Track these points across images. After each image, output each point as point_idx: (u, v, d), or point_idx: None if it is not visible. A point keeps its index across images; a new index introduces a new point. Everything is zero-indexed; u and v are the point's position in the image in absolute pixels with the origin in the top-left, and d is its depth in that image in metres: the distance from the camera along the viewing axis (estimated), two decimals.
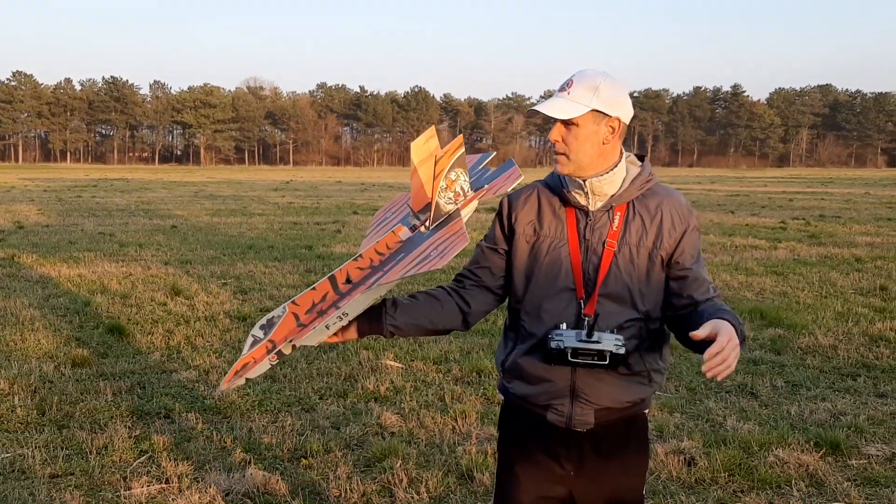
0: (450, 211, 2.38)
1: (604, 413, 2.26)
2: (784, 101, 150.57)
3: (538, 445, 2.34)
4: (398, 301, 2.38)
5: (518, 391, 2.34)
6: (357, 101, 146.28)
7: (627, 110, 2.20)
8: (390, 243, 2.44)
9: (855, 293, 9.72)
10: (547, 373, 2.24)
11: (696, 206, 16.55)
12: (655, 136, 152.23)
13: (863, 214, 23.15)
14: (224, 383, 2.36)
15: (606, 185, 2.21)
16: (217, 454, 4.53)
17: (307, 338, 2.30)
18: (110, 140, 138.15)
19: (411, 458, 4.47)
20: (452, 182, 2.38)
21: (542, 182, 2.35)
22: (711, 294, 2.26)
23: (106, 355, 6.50)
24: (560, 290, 2.23)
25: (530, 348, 2.28)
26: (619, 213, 2.23)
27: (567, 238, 2.24)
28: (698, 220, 2.32)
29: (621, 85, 2.20)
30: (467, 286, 2.42)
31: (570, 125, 2.17)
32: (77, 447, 4.57)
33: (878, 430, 4.98)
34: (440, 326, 2.42)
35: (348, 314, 2.28)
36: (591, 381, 2.22)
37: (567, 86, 2.19)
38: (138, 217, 20.52)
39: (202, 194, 33.47)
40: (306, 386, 5.74)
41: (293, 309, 2.35)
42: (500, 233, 2.37)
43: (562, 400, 2.25)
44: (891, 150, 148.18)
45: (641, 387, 2.29)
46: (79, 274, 10.52)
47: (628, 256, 2.21)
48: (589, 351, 2.11)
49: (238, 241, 14.87)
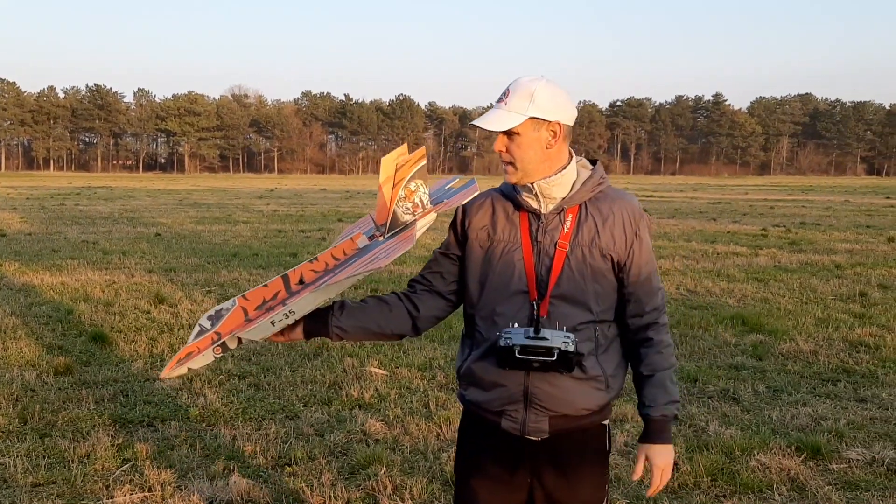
0: (407, 221, 2.39)
1: (559, 421, 2.24)
2: (765, 109, 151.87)
3: (494, 455, 2.33)
4: (346, 304, 2.39)
5: (473, 398, 2.34)
6: (342, 109, 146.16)
7: (567, 113, 2.22)
8: (347, 250, 2.46)
9: (835, 299, 9.82)
10: (500, 378, 2.24)
11: (678, 214, 16.75)
12: (638, 144, 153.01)
13: (842, 222, 23.37)
14: (165, 371, 2.36)
15: (555, 187, 2.23)
16: (200, 462, 4.52)
17: (251, 331, 2.31)
18: (94, 148, 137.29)
19: (396, 465, 4.48)
20: (412, 192, 2.39)
21: (497, 189, 2.36)
22: (657, 318, 2.30)
23: (89, 363, 6.47)
24: (514, 294, 2.23)
25: (484, 353, 2.27)
26: (571, 215, 2.24)
27: (520, 241, 2.25)
28: (650, 223, 2.33)
29: (559, 88, 2.21)
30: (418, 291, 2.43)
31: (511, 135, 2.19)
32: (59, 456, 4.54)
33: (858, 435, 5.03)
34: (387, 330, 2.42)
35: (295, 312, 2.29)
36: (544, 386, 2.20)
37: (504, 96, 2.21)
38: (122, 225, 20.40)
39: (186, 202, 33.32)
40: (290, 393, 5.74)
41: (243, 303, 2.36)
42: (454, 238, 2.39)
43: (515, 406, 2.24)
44: (870, 158, 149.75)
45: (598, 392, 2.26)
46: (62, 282, 10.45)
47: (581, 257, 2.22)
48: (537, 348, 2.11)
49: (222, 249, 14.82)
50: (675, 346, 7.19)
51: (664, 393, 2.27)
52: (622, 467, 4.47)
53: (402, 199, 2.37)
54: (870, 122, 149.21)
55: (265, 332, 2.32)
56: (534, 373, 2.19)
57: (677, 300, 9.65)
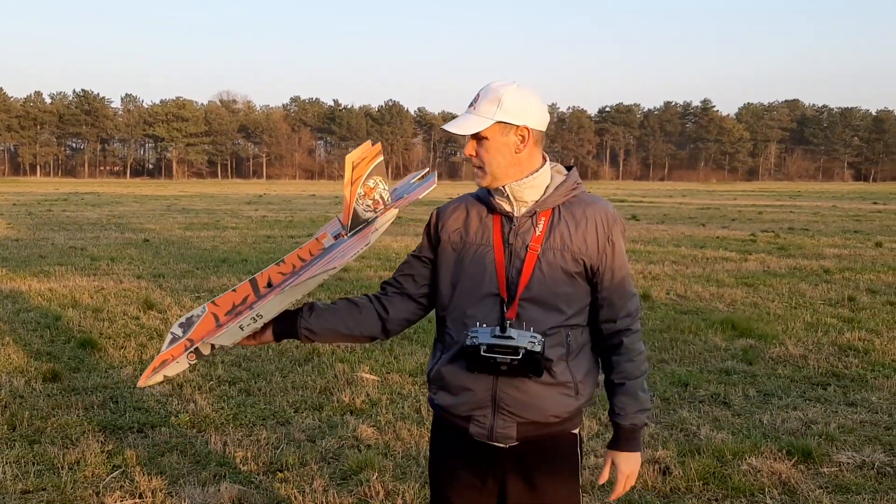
0: (368, 218, 2.39)
1: (527, 428, 2.22)
2: (753, 115, 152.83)
3: (464, 462, 2.32)
4: (316, 306, 2.40)
5: (442, 402, 2.32)
6: (331, 114, 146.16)
7: (536, 117, 2.22)
8: (313, 250, 2.47)
9: (824, 304, 9.87)
10: (468, 382, 2.22)
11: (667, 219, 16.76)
12: (627, 150, 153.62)
13: (830, 227, 23.51)
14: (142, 380, 2.37)
15: (527, 190, 2.23)
16: (191, 468, 4.49)
17: (221, 337, 2.31)
18: (81, 154, 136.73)
19: (388, 470, 4.46)
20: (371, 189, 2.39)
21: (472, 194, 2.37)
22: (630, 324, 2.29)
23: (78, 370, 6.43)
24: (484, 296, 2.23)
25: (453, 356, 2.26)
26: (544, 218, 2.24)
27: (492, 243, 2.26)
28: (624, 228, 2.33)
29: (530, 93, 2.22)
30: (389, 293, 2.44)
31: (480, 139, 2.20)
32: (49, 462, 4.51)
33: (848, 438, 5.05)
34: (356, 332, 2.41)
35: (263, 316, 2.29)
36: (512, 391, 2.19)
37: (474, 101, 2.22)
38: (110, 231, 20.30)
39: (174, 208, 33.21)
40: (281, 399, 5.71)
41: (213, 309, 2.37)
42: (427, 242, 2.40)
43: (483, 411, 2.22)
44: (857, 164, 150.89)
45: (567, 399, 2.23)
46: (49, 288, 10.39)
47: (552, 260, 2.21)
48: (502, 347, 2.10)
49: (211, 255, 14.77)
50: (666, 350, 7.24)
51: (635, 401, 2.28)
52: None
53: (361, 196, 2.37)
54: (857, 128, 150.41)
55: (235, 336, 2.32)
56: (502, 377, 2.17)
57: (667, 305, 9.68)
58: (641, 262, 14.02)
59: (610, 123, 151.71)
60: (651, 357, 7.00)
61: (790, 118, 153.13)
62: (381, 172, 2.42)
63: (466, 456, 2.30)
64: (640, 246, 17.06)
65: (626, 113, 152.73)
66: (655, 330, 8.14)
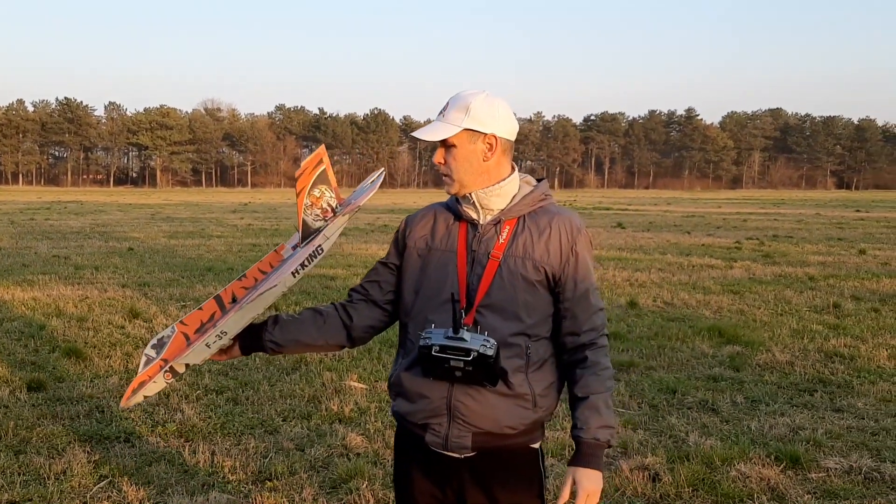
0: (319, 227, 2.40)
1: (483, 438, 2.19)
2: (736, 124, 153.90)
3: (423, 471, 2.31)
4: (280, 318, 2.40)
5: (400, 409, 2.32)
6: (316, 122, 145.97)
7: (504, 126, 2.23)
8: (273, 262, 2.49)
9: (809, 311, 9.94)
10: (424, 388, 2.21)
11: (653, 227, 16.86)
12: (612, 158, 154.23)
13: (814, 234, 23.70)
14: (123, 401, 2.42)
15: (494, 198, 2.23)
16: (179, 478, 4.46)
17: (189, 355, 2.34)
18: (64, 162, 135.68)
19: (377, 478, 4.44)
20: (318, 199, 2.40)
21: (441, 203, 2.39)
22: (595, 339, 2.25)
23: (63, 379, 6.37)
24: (444, 301, 2.21)
25: (412, 362, 2.25)
26: (508, 226, 2.24)
27: (456, 250, 2.26)
28: (590, 240, 2.31)
29: (499, 102, 2.23)
30: (355, 300, 2.43)
31: (449, 147, 2.21)
32: (34, 473, 4.46)
33: (835, 444, 5.08)
34: (321, 342, 2.41)
35: (227, 332, 2.32)
36: (467, 399, 2.17)
37: (444, 109, 2.24)
38: (94, 239, 20.17)
39: (159, 216, 33.05)
40: (269, 408, 5.68)
41: (182, 329, 2.42)
42: (394, 248, 2.40)
43: (439, 419, 2.21)
44: (839, 172, 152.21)
45: (524, 411, 2.20)
46: (33, 297, 10.30)
47: (513, 268, 2.20)
48: (454, 349, 2.08)
49: (196, 264, 14.70)
50: (653, 357, 7.26)
51: (597, 416, 2.18)
52: (603, 479, 4.46)
53: (308, 206, 2.38)
54: (839, 137, 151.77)
55: (203, 354, 2.35)
56: (458, 385, 2.16)
57: (654, 312, 9.71)
58: (628, 269, 14.07)
59: (595, 132, 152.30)
60: (639, 364, 7.02)
61: (773, 127, 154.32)
62: (326, 181, 2.42)
63: (425, 465, 2.29)
64: (626, 254, 17.13)
65: (611, 121, 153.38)
66: (643, 337, 8.17)
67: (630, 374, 6.72)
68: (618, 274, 13.34)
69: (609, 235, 22.99)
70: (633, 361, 7.07)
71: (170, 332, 2.41)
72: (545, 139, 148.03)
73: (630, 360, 7.13)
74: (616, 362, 7.04)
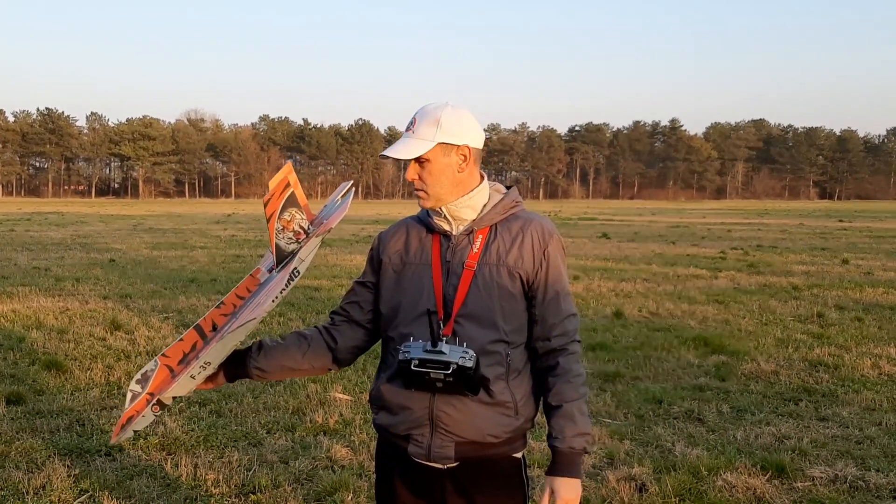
0: (293, 250, 2.39)
1: (466, 448, 2.18)
2: (720, 135, 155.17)
3: (405, 483, 2.30)
4: (264, 344, 2.40)
5: (382, 421, 2.31)
6: (300, 133, 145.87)
7: (475, 136, 2.24)
8: (250, 286, 2.48)
9: (794, 320, 9.97)
10: (406, 400, 2.20)
11: (638, 238, 16.90)
12: (597, 168, 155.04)
13: (798, 244, 23.86)
14: (113, 438, 2.41)
15: (464, 209, 2.24)
16: (161, 492, 4.39)
17: (174, 388, 2.33)
18: (44, 173, 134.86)
19: (362, 491, 4.40)
20: (289, 222, 2.38)
21: (412, 217, 2.38)
22: (566, 344, 2.22)
23: (42, 392, 6.28)
24: (421, 314, 2.20)
25: (392, 374, 2.24)
26: (481, 235, 2.24)
27: (431, 262, 2.25)
28: (561, 243, 2.30)
29: (465, 112, 2.24)
30: (336, 322, 2.43)
31: (422, 162, 2.20)
32: (13, 487, 4.38)
33: (821, 453, 5.08)
34: (306, 365, 2.41)
35: (210, 363, 2.31)
36: (449, 409, 2.16)
37: (411, 125, 2.23)
38: (75, 251, 20.00)
39: (141, 227, 32.84)
40: (253, 420, 5.62)
41: (165, 361, 2.41)
42: (370, 266, 2.40)
43: (421, 430, 2.20)
44: (822, 182, 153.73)
45: (506, 419, 2.19)
46: (13, 309, 10.18)
47: (488, 276, 2.19)
48: (433, 362, 2.08)
49: (179, 275, 14.59)
50: (639, 367, 7.26)
51: (572, 424, 2.17)
52: (590, 489, 4.45)
53: (280, 231, 2.37)
54: (821, 148, 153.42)
55: (188, 385, 2.34)
56: (440, 395, 2.15)
57: (640, 322, 9.72)
58: (613, 279, 14.09)
59: (580, 143, 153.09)
60: (625, 374, 7.01)
61: (756, 137, 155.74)
62: (295, 203, 2.41)
63: (407, 477, 2.28)
64: (611, 264, 17.16)
65: (596, 132, 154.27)
66: (629, 347, 8.16)
67: (616, 385, 6.71)
68: (603, 284, 13.35)
69: (594, 246, 23.05)
70: (618, 372, 7.06)
71: (153, 366, 2.40)
72: (530, 150, 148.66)
73: (616, 370, 7.12)
74: (602, 372, 7.02)
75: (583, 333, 8.69)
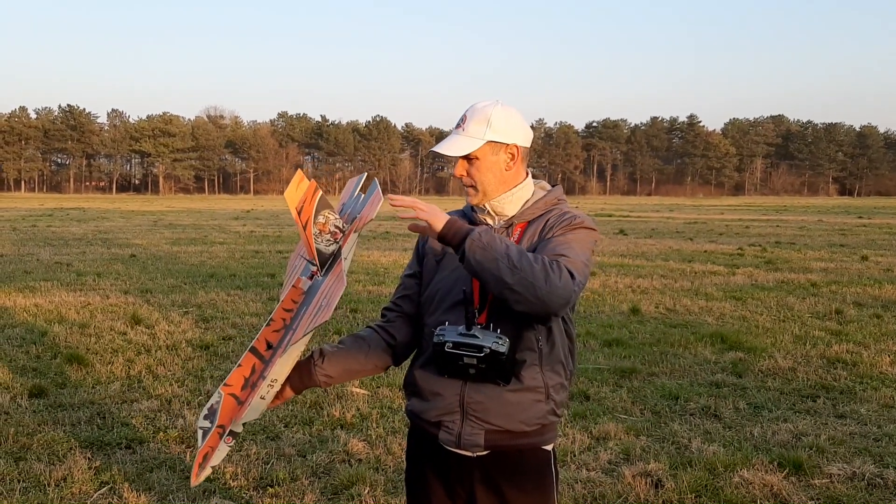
0: (333, 251, 2.40)
1: (496, 436, 2.20)
2: (738, 131, 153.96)
3: (435, 471, 2.32)
4: (325, 350, 2.43)
5: (414, 408, 2.35)
6: (318, 130, 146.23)
7: (523, 135, 2.28)
8: (295, 298, 2.48)
9: (812, 317, 9.91)
10: (438, 386, 2.24)
11: (655, 234, 16.85)
12: (614, 165, 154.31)
13: (816, 241, 23.67)
14: (193, 480, 2.40)
15: (507, 204, 2.29)
16: (180, 484, 4.45)
17: (246, 414, 2.34)
18: (66, 169, 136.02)
19: (379, 484, 4.43)
20: (324, 225, 2.39)
21: (457, 210, 2.41)
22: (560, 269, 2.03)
23: (64, 385, 6.36)
24: (458, 301, 2.24)
25: (426, 360, 2.29)
26: (520, 228, 2.28)
27: None
28: (593, 235, 2.25)
29: (514, 112, 2.27)
30: (391, 318, 2.46)
31: (471, 159, 2.25)
32: (35, 479, 4.45)
33: (838, 450, 5.06)
34: (369, 366, 2.45)
35: (277, 380, 2.33)
36: (480, 396, 2.19)
37: (462, 122, 2.26)
38: (96, 246, 20.18)
39: (161, 223, 33.07)
40: (271, 414, 5.67)
41: (228, 391, 2.40)
42: (415, 257, 2.46)
43: (452, 417, 2.23)
44: (841, 178, 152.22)
45: (537, 405, 2.21)
46: (35, 304, 10.30)
47: None
48: (467, 345, 2.11)
49: (199, 270, 14.70)
50: (656, 363, 7.25)
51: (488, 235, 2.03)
52: (606, 485, 4.46)
53: (318, 235, 2.38)
54: (841, 144, 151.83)
55: (259, 407, 2.36)
56: (471, 383, 2.19)
57: (657, 319, 9.70)
58: (630, 276, 14.06)
59: (597, 139, 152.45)
60: (641, 370, 7.00)
61: (775, 133, 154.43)
62: (326, 205, 2.42)
63: (437, 465, 2.31)
64: (628, 260, 17.12)
65: (613, 128, 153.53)
66: (645, 343, 8.15)
67: (632, 381, 6.71)
68: (620, 280, 13.33)
69: (611, 242, 22.98)
70: (635, 368, 7.06)
71: (217, 398, 2.39)
72: (547, 146, 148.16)
73: (632, 366, 7.12)
74: (618, 368, 7.03)
75: (599, 329, 8.75)
